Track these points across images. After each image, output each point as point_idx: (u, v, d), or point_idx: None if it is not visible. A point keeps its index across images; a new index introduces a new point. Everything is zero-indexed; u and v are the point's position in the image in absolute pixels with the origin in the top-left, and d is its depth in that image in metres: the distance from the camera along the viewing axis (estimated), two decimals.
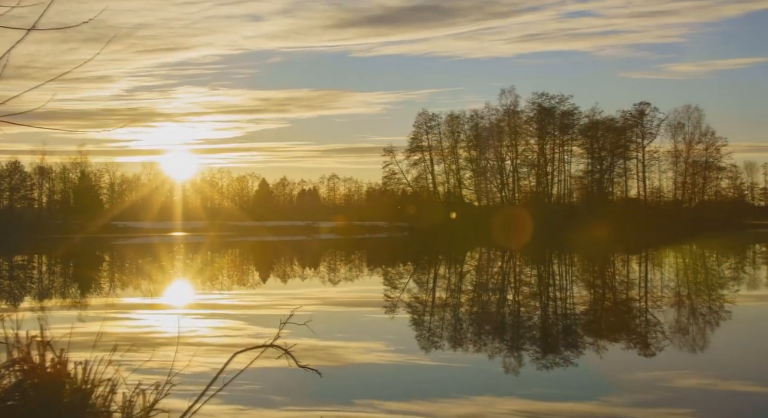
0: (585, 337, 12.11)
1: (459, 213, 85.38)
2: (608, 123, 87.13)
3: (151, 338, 11.08)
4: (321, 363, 8.87)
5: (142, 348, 9.17)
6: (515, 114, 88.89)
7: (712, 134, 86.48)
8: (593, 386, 8.12)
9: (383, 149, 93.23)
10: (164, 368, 4.94)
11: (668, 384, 8.12)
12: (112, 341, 5.40)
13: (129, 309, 15.61)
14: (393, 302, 17.21)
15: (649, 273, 27.01)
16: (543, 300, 17.64)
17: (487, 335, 12.18)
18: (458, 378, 8.48)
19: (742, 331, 12.58)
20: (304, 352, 9.39)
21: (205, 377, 5.77)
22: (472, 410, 7.05)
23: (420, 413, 6.98)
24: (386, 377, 8.45)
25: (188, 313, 14.92)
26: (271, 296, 18.81)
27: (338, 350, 10.17)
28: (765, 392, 7.81)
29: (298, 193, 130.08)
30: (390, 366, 9.15)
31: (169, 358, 5.39)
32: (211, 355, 9.28)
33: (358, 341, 11.01)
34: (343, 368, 8.93)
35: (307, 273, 28.27)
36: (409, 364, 9.33)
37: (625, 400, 7.39)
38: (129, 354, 6.62)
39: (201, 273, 28.52)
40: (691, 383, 8.17)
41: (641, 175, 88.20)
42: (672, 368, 9.03)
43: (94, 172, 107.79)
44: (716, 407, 7.15)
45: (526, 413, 6.96)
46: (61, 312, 14.76)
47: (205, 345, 10.37)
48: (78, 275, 28.20)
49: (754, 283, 21.66)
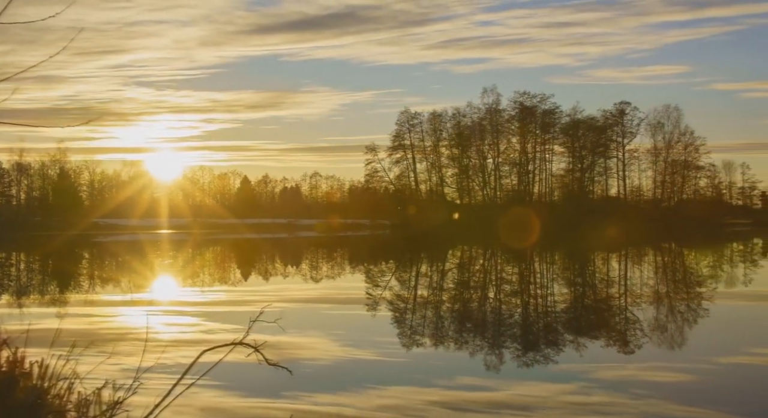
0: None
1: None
2: (589, 122, 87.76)
3: (120, 336, 10.95)
4: (292, 360, 8.82)
5: (109, 346, 9.05)
6: (497, 113, 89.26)
7: (691, 134, 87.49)
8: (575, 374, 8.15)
9: (365, 147, 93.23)
10: (132, 365, 4.86)
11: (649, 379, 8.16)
12: (79, 339, 5.30)
13: (100, 306, 15.44)
14: (367, 299, 17.18)
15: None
16: (525, 297, 17.71)
17: (461, 330, 12.19)
18: (427, 373, 8.46)
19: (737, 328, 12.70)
20: (275, 349, 9.33)
21: (173, 375, 5.70)
22: (443, 402, 7.03)
23: (390, 407, 6.95)
24: (357, 374, 8.41)
25: (158, 310, 14.77)
26: (245, 293, 18.70)
27: (309, 347, 10.11)
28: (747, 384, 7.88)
29: (280, 190, 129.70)
30: (361, 362, 9.11)
31: (137, 355, 5.31)
32: (180, 352, 9.19)
33: (330, 338, 10.97)
34: (314, 365, 8.87)
35: (284, 271, 28.16)
36: (380, 360, 9.30)
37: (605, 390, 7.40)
38: (94, 352, 6.54)
39: (176, 270, 28.30)
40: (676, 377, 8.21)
41: (621, 174, 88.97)
42: (660, 363, 9.08)
43: (74, 169, 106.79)
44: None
45: (500, 404, 6.96)
46: (23, 309, 14.56)
47: (175, 342, 10.27)
48: (51, 272, 27.88)
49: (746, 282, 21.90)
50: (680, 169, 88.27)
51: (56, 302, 16.65)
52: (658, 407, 7.01)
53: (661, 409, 6.93)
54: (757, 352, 9.90)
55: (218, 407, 6.96)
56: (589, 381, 8.15)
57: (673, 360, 9.46)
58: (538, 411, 6.88)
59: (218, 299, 17.50)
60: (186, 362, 5.77)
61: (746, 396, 7.57)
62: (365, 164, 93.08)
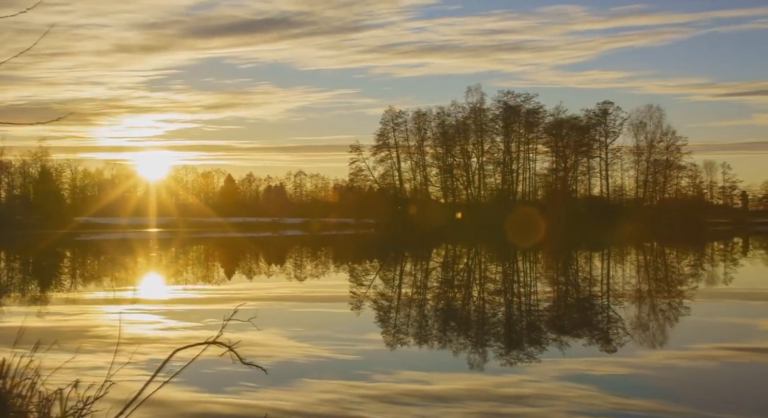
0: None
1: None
2: (572, 122, 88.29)
3: (93, 335, 10.84)
4: (267, 359, 8.77)
5: (79, 345, 8.94)
6: (481, 112, 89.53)
7: (673, 134, 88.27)
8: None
9: (350, 146, 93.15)
10: (104, 365, 4.79)
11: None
12: (48, 338, 5.21)
13: (74, 305, 15.27)
14: (346, 297, 17.14)
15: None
16: (510, 294, 17.75)
17: (440, 328, 12.19)
18: (406, 369, 8.44)
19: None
20: (250, 347, 9.27)
21: (146, 374, 5.63)
22: (425, 400, 7.02)
23: (366, 407, 6.92)
24: (334, 372, 8.38)
25: (133, 308, 14.65)
26: (223, 291, 18.60)
27: (285, 345, 10.06)
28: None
29: (265, 189, 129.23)
30: (338, 361, 9.07)
31: (109, 354, 5.24)
32: (153, 351, 9.11)
33: (306, 337, 10.93)
34: (290, 364, 8.82)
35: (266, 270, 28.04)
36: (356, 358, 9.27)
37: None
38: (64, 351, 6.46)
39: (154, 269, 28.10)
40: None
41: (604, 173, 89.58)
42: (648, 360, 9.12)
43: (55, 167, 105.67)
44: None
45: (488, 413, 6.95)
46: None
47: (148, 341, 10.18)
48: (27, 271, 27.57)
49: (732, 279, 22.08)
50: (662, 169, 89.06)
51: (28, 300, 16.45)
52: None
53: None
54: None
55: (191, 407, 6.89)
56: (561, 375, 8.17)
57: (655, 356, 9.52)
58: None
59: (195, 297, 17.38)
60: (159, 360, 5.71)
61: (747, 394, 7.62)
62: (349, 163, 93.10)
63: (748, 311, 14.40)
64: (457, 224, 79.66)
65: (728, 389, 7.80)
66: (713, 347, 10.07)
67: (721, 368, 8.85)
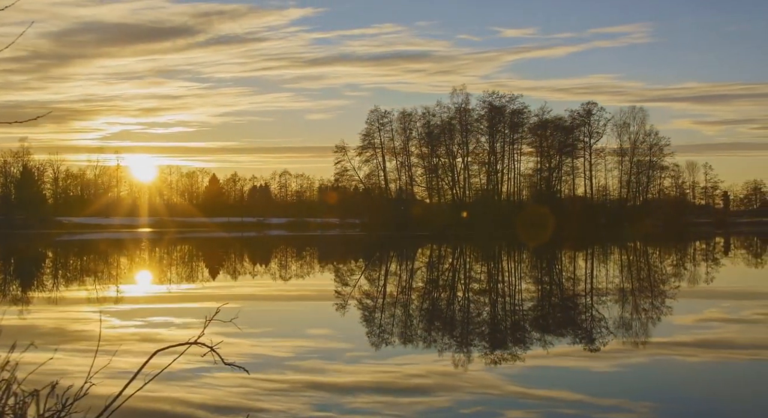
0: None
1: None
2: (556, 122, 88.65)
3: (72, 335, 10.72)
4: (248, 360, 8.71)
5: (58, 345, 8.84)
6: (466, 112, 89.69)
7: (656, 134, 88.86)
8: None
9: (335, 146, 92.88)
10: (83, 366, 4.72)
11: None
12: (26, 337, 5.13)
13: (54, 304, 15.11)
14: (330, 296, 17.10)
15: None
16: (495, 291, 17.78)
17: (427, 328, 12.18)
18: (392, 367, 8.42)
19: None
20: (232, 348, 9.20)
21: (125, 376, 5.56)
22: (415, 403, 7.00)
23: (350, 408, 6.90)
24: (317, 373, 8.34)
25: (114, 309, 14.52)
26: (205, 291, 18.48)
27: (266, 346, 10.01)
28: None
29: (249, 189, 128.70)
30: (320, 360, 9.03)
31: (88, 355, 5.16)
32: (133, 352, 9.02)
33: (287, 337, 10.88)
34: (271, 364, 8.78)
35: (249, 270, 27.90)
36: (341, 357, 9.24)
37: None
38: (43, 351, 6.36)
39: (136, 269, 27.90)
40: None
41: (588, 173, 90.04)
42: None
43: (37, 166, 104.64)
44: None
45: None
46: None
47: (129, 342, 10.08)
48: (8, 271, 27.26)
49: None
50: (645, 169, 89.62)
51: (7, 300, 16.24)
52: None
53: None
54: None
55: (172, 408, 6.82)
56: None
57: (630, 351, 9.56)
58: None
59: (177, 297, 17.26)
60: (139, 362, 5.65)
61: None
62: (334, 163, 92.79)
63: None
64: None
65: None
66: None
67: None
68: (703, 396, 7.53)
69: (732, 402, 7.24)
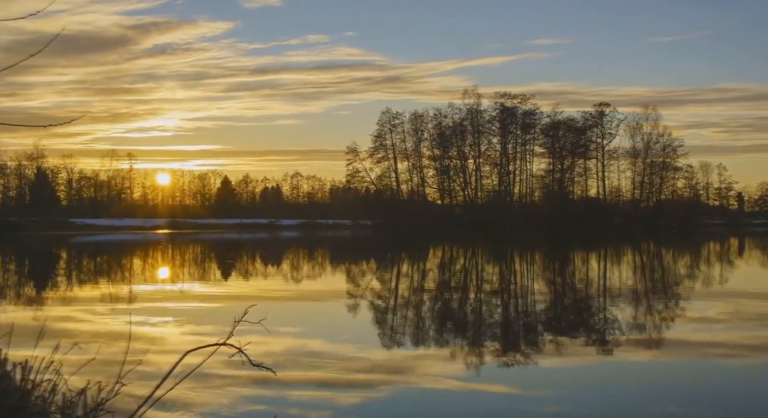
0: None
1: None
2: (569, 123, 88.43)
3: (104, 336, 10.85)
4: (276, 361, 8.79)
5: (93, 346, 8.95)
6: (478, 113, 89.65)
7: (669, 135, 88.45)
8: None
9: (347, 147, 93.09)
10: (115, 366, 4.81)
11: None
12: (62, 339, 5.24)
13: (82, 306, 15.26)
14: (352, 297, 17.17)
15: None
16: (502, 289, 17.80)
17: (443, 329, 12.23)
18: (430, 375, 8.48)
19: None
20: (259, 349, 9.29)
21: (157, 376, 5.65)
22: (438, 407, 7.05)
23: (375, 411, 6.96)
24: (344, 375, 8.41)
25: (142, 309, 14.67)
26: (230, 292, 18.61)
27: (294, 348, 10.08)
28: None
29: (261, 190, 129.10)
30: (347, 363, 9.10)
31: (120, 356, 5.25)
32: (164, 353, 9.13)
33: (315, 338, 10.95)
34: (299, 366, 8.85)
35: (267, 271, 28.04)
36: (366, 358, 9.30)
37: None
38: (78, 353, 6.44)
39: (157, 271, 28.09)
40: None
41: (601, 174, 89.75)
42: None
43: (51, 168, 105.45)
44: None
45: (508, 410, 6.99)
46: (7, 310, 14.35)
47: (159, 342, 10.20)
48: (31, 273, 27.52)
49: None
50: (659, 170, 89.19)
51: (37, 301, 16.43)
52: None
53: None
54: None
55: (201, 408, 6.91)
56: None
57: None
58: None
59: (201, 297, 17.39)
60: (170, 362, 5.73)
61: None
62: (346, 164, 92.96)
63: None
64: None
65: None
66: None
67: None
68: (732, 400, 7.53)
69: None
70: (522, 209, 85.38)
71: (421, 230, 75.98)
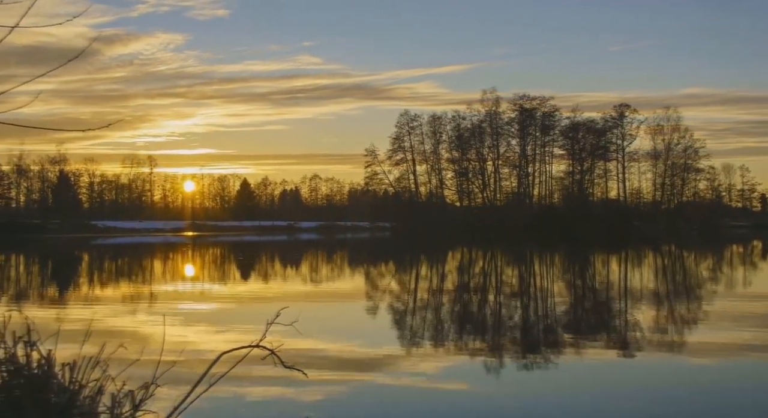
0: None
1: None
2: (588, 125, 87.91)
3: (137, 338, 10.99)
4: (308, 363, 8.86)
5: (130, 347, 9.06)
6: (497, 115, 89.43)
7: (691, 136, 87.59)
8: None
9: (365, 150, 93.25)
10: (149, 368, 4.90)
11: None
12: (100, 340, 5.35)
13: (115, 308, 15.46)
14: (380, 300, 17.22)
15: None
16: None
17: (468, 330, 12.24)
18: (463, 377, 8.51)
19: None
20: (290, 351, 9.35)
21: (191, 378, 5.74)
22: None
23: (405, 413, 7.00)
24: (372, 376, 8.46)
25: (174, 310, 14.83)
26: (258, 295, 18.74)
27: (325, 350, 10.15)
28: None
29: (280, 193, 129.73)
30: (377, 364, 9.15)
31: (154, 358, 5.35)
32: (197, 355, 9.23)
33: (346, 341, 11.00)
34: (330, 368, 8.91)
35: (293, 273, 28.19)
36: (396, 361, 9.34)
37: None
38: (116, 354, 6.56)
39: (185, 272, 28.33)
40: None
41: (621, 176, 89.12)
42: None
43: (73, 171, 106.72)
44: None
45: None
46: (47, 311, 14.57)
47: (192, 343, 10.32)
48: (62, 275, 27.88)
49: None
50: (680, 172, 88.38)
51: (74, 305, 16.65)
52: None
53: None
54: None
55: (233, 410, 7.00)
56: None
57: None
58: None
59: (230, 299, 17.55)
60: (203, 362, 5.83)
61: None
62: (365, 166, 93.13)
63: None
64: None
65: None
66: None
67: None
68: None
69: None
70: (541, 210, 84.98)
71: (439, 232, 75.91)
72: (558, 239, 62.64)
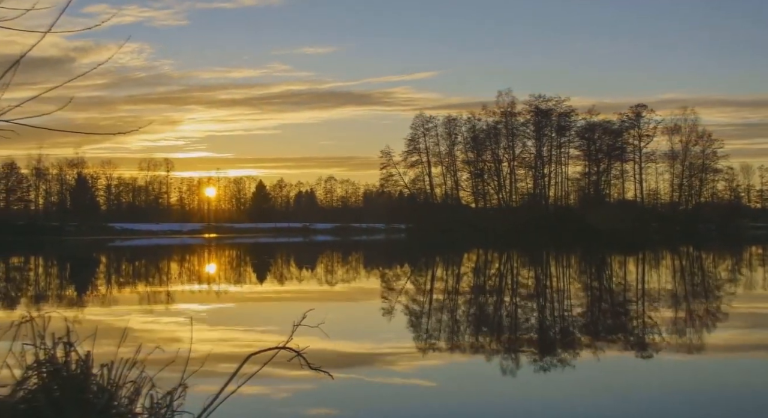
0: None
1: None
2: (605, 125, 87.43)
3: (164, 340, 11.11)
4: (334, 365, 8.91)
5: (160, 348, 9.17)
6: (512, 116, 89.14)
7: (709, 136, 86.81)
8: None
9: (381, 151, 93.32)
10: (178, 369, 4.97)
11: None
12: (130, 342, 5.43)
13: (141, 309, 15.61)
14: (401, 301, 17.26)
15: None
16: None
17: (485, 333, 12.25)
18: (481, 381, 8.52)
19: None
20: (316, 354, 9.42)
21: (219, 379, 5.81)
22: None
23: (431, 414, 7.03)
24: (399, 379, 8.50)
25: (199, 312, 14.96)
26: (280, 296, 18.84)
27: (351, 353, 10.19)
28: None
29: (295, 195, 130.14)
30: (404, 367, 9.19)
31: (182, 359, 5.42)
32: (224, 357, 9.32)
33: (372, 343, 11.05)
34: (356, 371, 8.96)
35: (311, 275, 28.29)
36: (423, 365, 9.37)
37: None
38: (151, 355, 6.64)
39: (205, 274, 28.52)
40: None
41: (638, 177, 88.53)
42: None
43: (91, 174, 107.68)
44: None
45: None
46: (82, 313, 14.72)
47: (218, 345, 10.41)
48: (83, 277, 28.16)
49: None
50: (698, 173, 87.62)
51: (106, 307, 16.81)
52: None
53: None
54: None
55: (261, 413, 7.06)
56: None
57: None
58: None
59: (254, 300, 17.67)
60: (230, 364, 5.90)
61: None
62: (380, 168, 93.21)
63: None
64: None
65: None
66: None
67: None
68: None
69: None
70: (557, 211, 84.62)
71: (454, 233, 75.81)
72: (574, 240, 62.35)
